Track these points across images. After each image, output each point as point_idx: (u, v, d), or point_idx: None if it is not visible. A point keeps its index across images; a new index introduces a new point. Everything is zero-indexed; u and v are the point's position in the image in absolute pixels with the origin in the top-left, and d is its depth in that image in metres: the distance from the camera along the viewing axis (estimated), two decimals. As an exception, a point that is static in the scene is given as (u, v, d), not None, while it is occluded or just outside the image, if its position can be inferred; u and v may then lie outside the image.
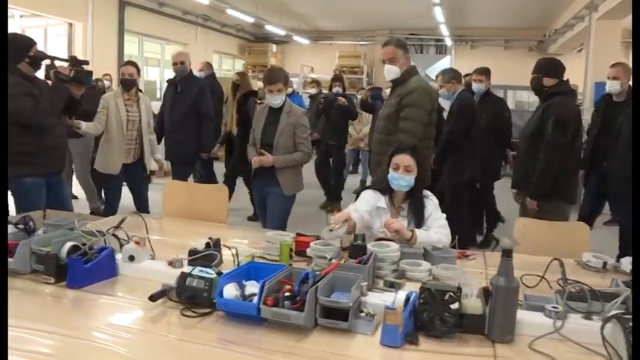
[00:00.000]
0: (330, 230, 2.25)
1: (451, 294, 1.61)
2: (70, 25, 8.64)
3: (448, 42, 13.79)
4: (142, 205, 4.30)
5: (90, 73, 3.53)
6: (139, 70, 4.43)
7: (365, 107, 7.17)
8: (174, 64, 5.06)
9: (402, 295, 1.64)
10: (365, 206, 2.71)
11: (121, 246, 2.18)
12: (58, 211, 2.93)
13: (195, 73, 6.40)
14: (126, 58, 9.45)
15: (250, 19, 11.51)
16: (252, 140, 3.68)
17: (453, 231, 2.64)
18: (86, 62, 3.43)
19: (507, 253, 1.62)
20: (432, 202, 2.71)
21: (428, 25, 12.87)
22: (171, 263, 1.96)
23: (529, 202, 3.47)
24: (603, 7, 8.39)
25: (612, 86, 4.11)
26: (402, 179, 2.64)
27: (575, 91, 3.75)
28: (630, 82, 4.05)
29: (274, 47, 14.75)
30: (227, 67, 14.26)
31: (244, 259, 1.98)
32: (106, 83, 7.17)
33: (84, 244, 1.96)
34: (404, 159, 2.66)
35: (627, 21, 8.75)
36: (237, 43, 14.18)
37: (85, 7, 8.51)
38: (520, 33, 13.44)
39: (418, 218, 2.67)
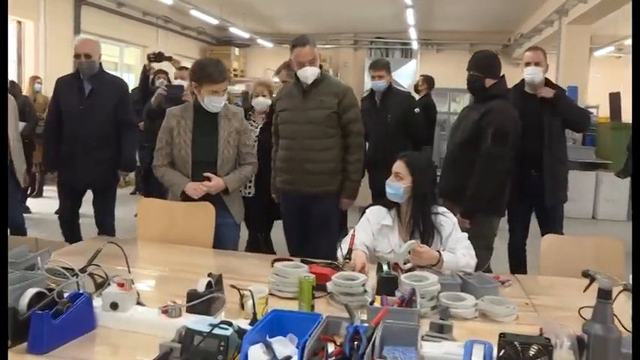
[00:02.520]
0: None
1: (539, 347, 1.27)
2: (20, 23, 7.95)
3: (415, 45, 13.66)
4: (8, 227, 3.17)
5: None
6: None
7: None
8: (77, 55, 3.61)
9: (456, 347, 1.29)
10: (369, 229, 2.42)
11: (97, 287, 1.76)
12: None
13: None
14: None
15: (215, 21, 11.03)
16: (164, 159, 2.80)
17: None
18: None
19: (605, 295, 1.30)
20: (449, 221, 2.39)
21: (394, 28, 12.71)
22: (166, 311, 1.54)
23: (460, 221, 2.88)
24: (573, 12, 8.38)
25: (534, 73, 3.42)
26: (389, 186, 2.36)
27: (510, 91, 3.32)
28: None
29: (237, 50, 14.28)
30: (188, 71, 13.71)
31: (258, 303, 1.58)
32: (37, 87, 6.62)
33: (50, 290, 1.52)
34: (396, 165, 2.39)
35: (595, 26, 8.80)
36: (198, 47, 13.63)
37: (37, 4, 7.86)
38: (485, 37, 13.41)
39: (427, 237, 2.33)
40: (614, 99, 7.96)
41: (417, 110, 4.53)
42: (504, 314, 1.76)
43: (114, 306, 1.56)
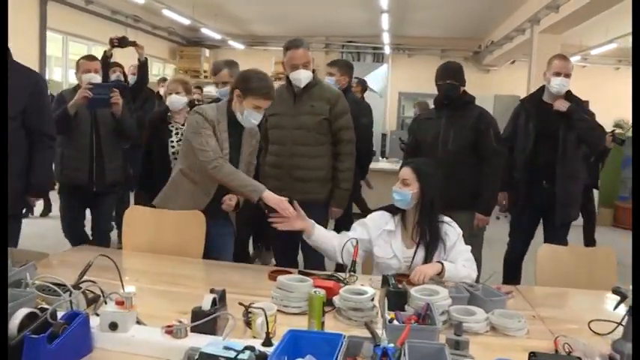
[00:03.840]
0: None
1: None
2: (-18, 20, 7.61)
3: (387, 50, 13.71)
4: None
5: None
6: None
7: None
8: None
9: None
10: (364, 230, 2.39)
11: (89, 302, 1.64)
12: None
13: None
14: (48, 59, 8.54)
15: (186, 21, 10.81)
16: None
17: None
18: None
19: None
20: (454, 232, 2.35)
21: (366, 32, 12.74)
22: (170, 332, 1.43)
23: (481, 220, 3.29)
24: (545, 21, 8.54)
25: (562, 85, 3.31)
26: (396, 193, 2.32)
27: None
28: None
29: (207, 52, 14.05)
30: (156, 72, 13.39)
31: (269, 320, 1.49)
32: None
33: (42, 310, 1.40)
34: (403, 172, 2.36)
35: (566, 35, 9.00)
36: (168, 47, 13.35)
37: None
38: (457, 43, 13.58)
39: (432, 246, 2.30)
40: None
41: (365, 120, 4.26)
42: (516, 328, 1.72)
43: (113, 326, 1.44)
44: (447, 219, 2.37)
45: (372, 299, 1.76)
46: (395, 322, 1.49)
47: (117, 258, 2.38)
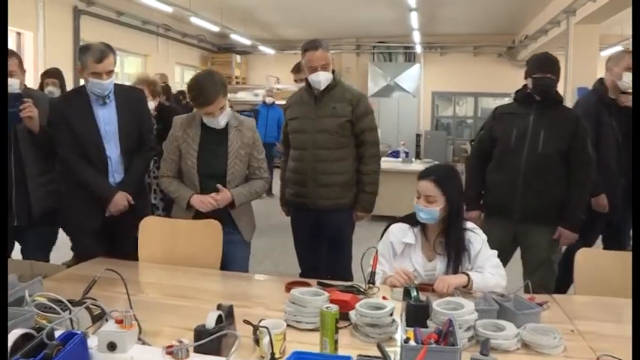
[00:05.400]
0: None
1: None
2: (19, 34, 7.81)
3: (418, 49, 13.49)
4: None
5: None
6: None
7: None
8: None
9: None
10: (390, 255, 2.24)
11: (94, 319, 1.57)
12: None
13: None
14: (81, 71, 8.70)
15: (215, 28, 10.88)
16: (170, 169, 2.62)
17: None
18: None
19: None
20: (479, 238, 2.20)
21: (396, 32, 12.55)
22: (171, 352, 1.35)
23: (567, 237, 2.82)
24: (582, 11, 8.20)
25: (629, 80, 3.04)
26: (421, 211, 2.15)
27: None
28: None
29: (238, 58, 14.16)
30: (187, 80, 13.56)
31: (275, 339, 1.39)
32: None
33: (39, 330, 1.33)
34: (425, 187, 2.17)
35: (602, 26, 8.62)
36: (199, 54, 13.49)
37: (36, 15, 7.71)
38: (490, 39, 13.26)
39: (457, 258, 2.15)
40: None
41: None
42: (551, 345, 1.56)
43: (111, 347, 1.37)
44: (469, 224, 2.22)
45: (392, 314, 1.64)
46: (412, 341, 1.36)
47: (132, 270, 2.37)
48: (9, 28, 7.62)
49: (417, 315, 1.62)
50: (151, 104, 2.99)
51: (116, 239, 2.77)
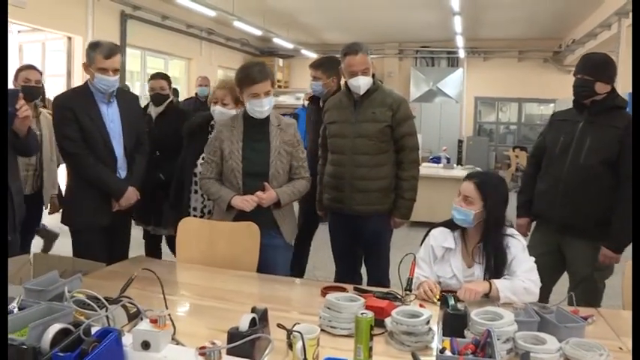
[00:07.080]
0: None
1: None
2: (69, 39, 8.11)
3: (461, 54, 13.28)
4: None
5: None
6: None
7: None
8: None
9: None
10: (431, 261, 2.20)
11: (130, 318, 1.59)
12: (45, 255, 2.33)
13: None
14: (128, 74, 8.93)
15: (258, 32, 11.00)
16: (212, 171, 2.59)
17: None
18: None
19: None
20: (518, 244, 2.13)
21: (439, 36, 12.40)
22: (203, 354, 1.35)
23: (609, 257, 2.58)
24: (634, 13, 7.89)
25: None
26: (457, 210, 2.12)
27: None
28: None
29: (281, 61, 14.27)
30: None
31: (308, 345, 1.37)
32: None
33: (77, 326, 1.36)
34: (466, 187, 2.15)
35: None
36: (242, 58, 13.66)
37: (85, 20, 7.99)
38: (535, 44, 12.94)
39: (497, 265, 2.09)
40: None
41: None
42: (598, 363, 1.49)
43: (145, 345, 1.37)
44: (509, 230, 2.15)
45: (428, 322, 1.60)
46: (448, 352, 1.32)
47: (170, 271, 2.40)
48: (60, 32, 7.95)
49: (454, 324, 1.57)
50: (232, 112, 2.76)
51: (115, 238, 2.87)
